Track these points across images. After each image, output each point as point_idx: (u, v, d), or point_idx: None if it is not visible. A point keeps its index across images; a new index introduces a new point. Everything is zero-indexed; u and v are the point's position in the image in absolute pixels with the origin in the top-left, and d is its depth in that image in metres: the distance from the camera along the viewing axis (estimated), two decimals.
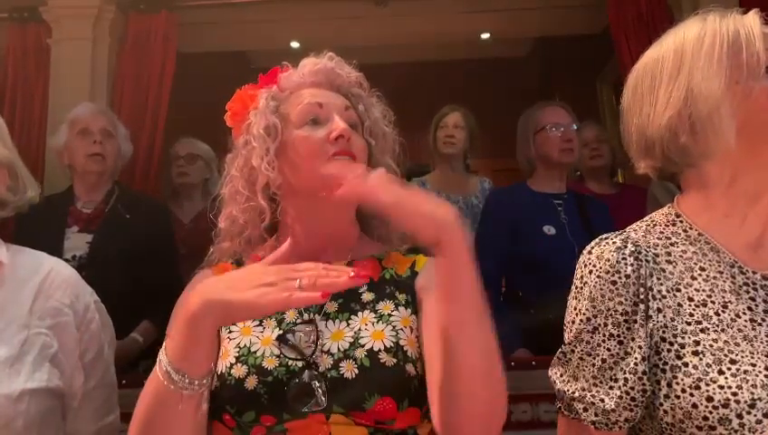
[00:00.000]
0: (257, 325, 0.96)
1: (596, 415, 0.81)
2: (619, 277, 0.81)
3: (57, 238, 2.08)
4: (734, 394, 0.72)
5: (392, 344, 0.92)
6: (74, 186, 2.26)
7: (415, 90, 4.16)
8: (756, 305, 0.80)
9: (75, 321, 1.07)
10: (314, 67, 1.08)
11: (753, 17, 0.83)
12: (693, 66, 0.82)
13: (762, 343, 0.77)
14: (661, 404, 0.78)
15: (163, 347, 0.80)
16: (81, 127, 2.24)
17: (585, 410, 0.82)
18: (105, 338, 1.13)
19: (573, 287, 0.87)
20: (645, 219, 0.92)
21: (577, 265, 0.87)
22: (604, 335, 0.81)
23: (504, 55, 4.58)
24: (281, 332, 0.95)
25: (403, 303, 0.98)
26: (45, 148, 2.65)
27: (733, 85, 0.80)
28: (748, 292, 0.81)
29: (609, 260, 0.83)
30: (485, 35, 3.94)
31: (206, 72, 3.49)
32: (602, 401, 0.80)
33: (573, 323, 0.85)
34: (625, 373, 0.79)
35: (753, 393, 0.72)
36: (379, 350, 0.91)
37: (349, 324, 0.95)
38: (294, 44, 3.53)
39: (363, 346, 0.91)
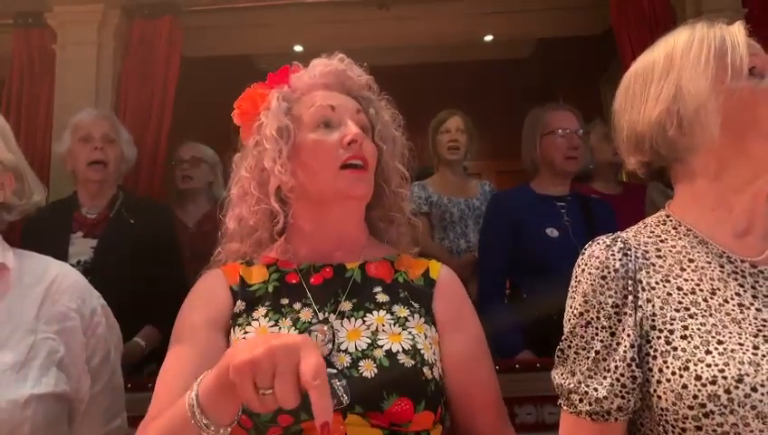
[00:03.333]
0: (272, 325, 0.97)
1: (590, 404, 0.83)
2: (608, 272, 0.85)
3: (62, 244, 2.09)
4: (721, 371, 0.75)
5: (410, 347, 0.93)
6: (78, 191, 2.27)
7: (418, 92, 4.16)
8: (745, 291, 0.83)
9: (82, 325, 1.07)
10: (326, 69, 1.08)
11: (737, 26, 0.88)
12: (682, 67, 0.88)
13: (750, 324, 0.80)
14: (654, 390, 0.80)
15: (197, 383, 0.77)
16: (82, 133, 2.25)
17: (581, 400, 0.84)
18: (112, 342, 1.14)
19: (570, 288, 0.91)
20: (638, 223, 0.96)
21: (574, 267, 0.91)
22: (597, 328, 0.85)
23: (507, 57, 4.58)
24: (297, 332, 0.95)
25: (418, 311, 1.00)
26: (51, 153, 2.66)
27: (718, 84, 0.85)
28: (736, 279, 0.84)
29: (598, 257, 0.87)
30: (488, 37, 3.94)
31: (210, 76, 3.50)
32: (596, 390, 0.83)
33: (569, 320, 0.89)
34: (615, 361, 0.82)
35: (740, 369, 0.74)
36: (398, 351, 0.92)
37: (365, 322, 0.96)
38: (298, 48, 3.54)
39: (381, 347, 0.93)
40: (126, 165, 2.37)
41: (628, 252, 0.87)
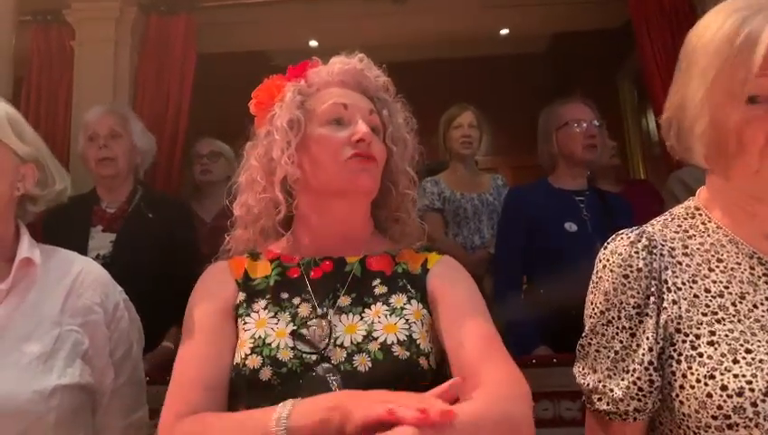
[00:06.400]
0: (272, 317, 0.97)
1: (608, 404, 0.82)
2: (631, 271, 0.83)
3: (82, 238, 2.11)
4: (749, 383, 0.73)
5: (405, 338, 0.93)
6: (97, 187, 2.30)
7: (432, 87, 4.15)
8: None
9: (105, 319, 1.09)
10: (344, 67, 1.09)
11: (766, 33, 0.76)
12: (693, 71, 0.82)
13: None
14: (677, 395, 0.78)
15: (286, 412, 0.79)
16: (89, 132, 2.27)
17: (599, 399, 0.84)
18: (134, 336, 1.15)
19: (591, 283, 0.89)
20: (664, 214, 0.93)
21: (595, 262, 0.89)
22: (617, 328, 0.83)
23: (523, 52, 4.56)
24: (295, 326, 0.95)
25: (415, 296, 1.00)
26: (70, 150, 2.69)
27: (716, 101, 0.79)
28: (767, 283, 0.81)
29: (621, 255, 0.84)
30: (504, 31, 3.92)
31: (224, 72, 3.52)
32: (612, 390, 0.82)
33: (590, 317, 0.87)
34: (634, 364, 0.81)
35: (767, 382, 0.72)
36: (392, 343, 0.92)
37: (362, 318, 0.96)
38: (313, 43, 3.54)
39: (376, 339, 0.92)
40: (143, 156, 2.36)
41: (654, 250, 0.84)
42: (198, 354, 0.94)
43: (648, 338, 0.80)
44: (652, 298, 0.81)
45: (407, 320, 0.95)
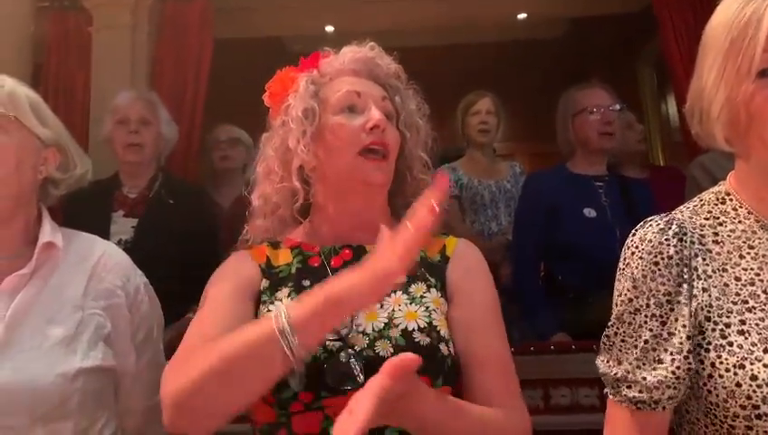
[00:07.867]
0: None
1: (639, 392, 0.81)
2: (662, 258, 0.81)
3: (103, 223, 2.12)
4: None
5: (426, 325, 0.94)
6: (120, 172, 2.31)
7: (449, 72, 4.12)
8: None
9: (127, 302, 1.10)
10: (355, 56, 1.10)
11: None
12: (707, 56, 0.83)
13: None
14: (705, 384, 0.77)
15: (283, 307, 0.82)
16: (119, 116, 2.28)
17: (629, 387, 0.82)
18: (154, 319, 1.17)
19: (618, 270, 0.87)
20: (693, 199, 0.91)
21: (623, 249, 0.87)
22: (646, 316, 0.81)
23: (540, 37, 4.51)
24: None
25: (434, 285, 1.01)
26: (88, 135, 2.70)
27: (728, 81, 0.80)
28: None
29: (651, 241, 0.83)
30: (522, 16, 3.88)
31: (241, 58, 3.52)
32: (644, 379, 0.80)
33: (617, 305, 0.86)
34: (670, 353, 0.79)
35: None
36: (414, 329, 0.93)
37: (382, 305, 0.97)
38: (329, 28, 3.53)
39: (398, 326, 0.94)
40: (167, 145, 2.38)
41: (684, 237, 0.82)
42: (213, 318, 0.95)
43: (684, 326, 0.79)
44: (685, 286, 0.80)
45: (427, 307, 0.96)
